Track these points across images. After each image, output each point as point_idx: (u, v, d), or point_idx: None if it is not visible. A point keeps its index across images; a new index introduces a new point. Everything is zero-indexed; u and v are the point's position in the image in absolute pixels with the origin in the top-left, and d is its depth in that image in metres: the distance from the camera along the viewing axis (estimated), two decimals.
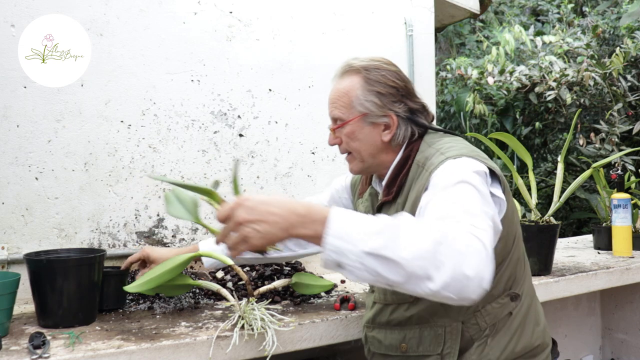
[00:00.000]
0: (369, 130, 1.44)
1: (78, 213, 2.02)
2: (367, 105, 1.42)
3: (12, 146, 1.92)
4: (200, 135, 2.22)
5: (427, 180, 1.28)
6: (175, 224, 2.18)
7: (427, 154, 1.39)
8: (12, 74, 1.91)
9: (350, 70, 1.46)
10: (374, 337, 1.51)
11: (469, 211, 1.08)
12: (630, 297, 2.86)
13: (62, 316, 1.59)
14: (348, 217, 1.00)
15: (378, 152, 1.46)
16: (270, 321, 1.56)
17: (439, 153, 1.35)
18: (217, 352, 1.51)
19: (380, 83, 1.43)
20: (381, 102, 1.42)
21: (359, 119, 1.43)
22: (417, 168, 1.39)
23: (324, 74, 2.47)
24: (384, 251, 0.94)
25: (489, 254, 0.99)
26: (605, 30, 4.59)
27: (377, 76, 1.44)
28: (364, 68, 1.44)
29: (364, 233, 0.96)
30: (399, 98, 1.44)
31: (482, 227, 1.03)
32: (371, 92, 1.42)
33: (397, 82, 1.45)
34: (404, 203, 1.40)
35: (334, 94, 1.47)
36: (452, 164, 1.27)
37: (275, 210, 1.01)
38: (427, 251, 0.94)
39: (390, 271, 0.95)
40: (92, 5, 2.03)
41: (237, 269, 1.72)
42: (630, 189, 2.90)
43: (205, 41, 2.23)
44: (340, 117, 1.45)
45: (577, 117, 3.25)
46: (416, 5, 2.73)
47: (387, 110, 1.43)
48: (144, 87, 2.12)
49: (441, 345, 1.37)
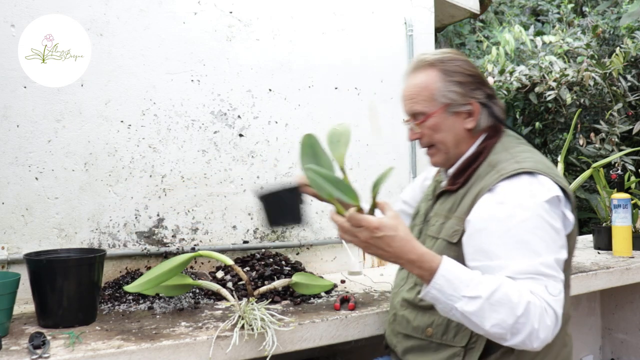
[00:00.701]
0: (453, 120, 1.46)
1: (78, 213, 2.02)
2: (449, 96, 1.44)
3: (12, 146, 1.92)
4: (200, 135, 2.22)
5: (495, 182, 1.32)
6: (175, 224, 2.18)
7: (501, 157, 1.41)
8: (12, 74, 1.91)
9: (424, 65, 1.47)
10: (404, 316, 1.51)
11: (545, 264, 1.22)
12: (630, 297, 2.86)
13: (62, 316, 1.59)
14: (451, 274, 1.19)
15: (461, 141, 1.48)
16: (270, 321, 1.56)
17: (513, 160, 1.37)
18: (217, 352, 1.51)
19: (458, 73, 1.46)
20: (463, 90, 1.45)
21: (442, 110, 1.45)
22: (487, 167, 1.41)
23: (324, 74, 2.48)
24: (473, 317, 1.17)
25: (558, 322, 1.19)
26: (605, 30, 4.59)
27: (454, 66, 1.46)
28: (438, 61, 1.46)
29: (461, 295, 1.17)
30: (477, 85, 1.47)
31: (555, 294, 1.20)
32: (451, 82, 1.44)
33: (473, 70, 1.48)
34: (464, 195, 1.42)
35: (412, 89, 1.48)
36: (527, 184, 1.29)
37: (390, 249, 1.19)
38: (508, 324, 1.16)
39: (472, 326, 1.20)
40: (92, 5, 2.03)
41: (237, 269, 1.72)
42: (630, 189, 2.90)
43: (205, 41, 2.23)
44: (422, 111, 1.46)
45: (577, 117, 3.25)
46: (416, 5, 2.73)
47: (468, 97, 1.45)
48: (144, 87, 2.12)
49: (466, 339, 1.38)
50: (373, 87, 2.60)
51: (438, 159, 1.52)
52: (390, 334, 1.59)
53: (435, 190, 1.59)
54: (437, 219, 1.48)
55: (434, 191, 1.60)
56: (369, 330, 1.77)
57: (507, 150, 1.43)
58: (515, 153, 1.41)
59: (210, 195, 2.24)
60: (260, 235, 2.34)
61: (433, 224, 1.50)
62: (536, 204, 1.26)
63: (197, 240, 2.21)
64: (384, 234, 1.18)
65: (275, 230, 2.37)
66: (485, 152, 1.45)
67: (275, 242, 2.35)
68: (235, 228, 2.29)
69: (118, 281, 1.98)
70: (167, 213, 2.16)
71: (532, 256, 1.22)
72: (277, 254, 2.20)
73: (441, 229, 1.45)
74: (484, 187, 1.35)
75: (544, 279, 1.20)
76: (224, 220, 2.26)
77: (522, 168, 1.32)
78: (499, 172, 1.35)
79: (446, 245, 1.40)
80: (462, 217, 1.38)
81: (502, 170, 1.34)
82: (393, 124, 2.65)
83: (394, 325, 1.57)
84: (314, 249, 2.45)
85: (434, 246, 1.44)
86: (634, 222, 2.66)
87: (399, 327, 1.53)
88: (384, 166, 2.61)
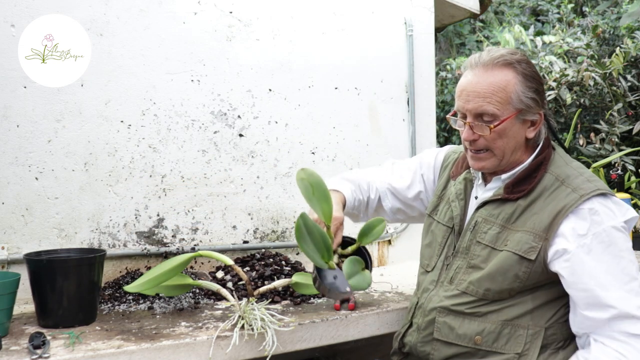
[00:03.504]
0: (518, 127, 1.41)
1: (78, 213, 2.02)
2: (526, 102, 1.38)
3: (12, 146, 1.92)
4: (200, 135, 2.22)
5: (576, 202, 1.32)
6: (175, 224, 2.18)
7: (566, 171, 1.40)
8: (12, 74, 1.91)
9: (502, 63, 1.38)
10: (446, 323, 1.46)
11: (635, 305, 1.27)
12: None
13: (62, 316, 1.59)
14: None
15: (517, 149, 1.43)
16: (270, 321, 1.56)
17: (584, 178, 1.37)
18: (217, 352, 1.51)
19: (535, 79, 1.40)
20: (538, 97, 1.40)
21: (514, 116, 1.38)
22: (555, 181, 1.39)
23: (324, 74, 2.47)
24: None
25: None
26: (605, 30, 4.59)
27: (531, 72, 1.40)
28: (517, 62, 1.39)
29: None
30: (545, 95, 1.43)
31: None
32: (530, 88, 1.39)
33: (541, 78, 1.43)
34: (527, 207, 1.39)
35: (487, 87, 1.38)
36: (614, 215, 1.32)
37: None
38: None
39: None
40: (92, 5, 2.03)
41: (237, 269, 1.72)
42: (630, 189, 2.90)
43: (205, 41, 2.23)
44: (494, 112, 1.38)
45: (577, 117, 3.25)
46: (416, 5, 2.73)
47: (540, 107, 1.41)
48: (144, 87, 2.12)
49: (521, 346, 1.37)
50: (373, 87, 2.60)
51: (488, 164, 1.44)
52: (418, 341, 1.52)
53: (467, 189, 1.54)
54: (490, 227, 1.43)
55: (465, 190, 1.55)
56: (369, 331, 1.77)
57: (567, 164, 1.43)
58: (577, 167, 1.42)
59: (210, 195, 2.24)
60: (260, 235, 2.34)
61: (484, 231, 1.43)
62: (624, 236, 1.31)
63: (197, 240, 2.21)
64: None
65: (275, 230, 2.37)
66: (546, 162, 1.42)
67: (275, 242, 2.35)
68: (235, 228, 2.29)
69: (118, 281, 1.98)
70: (167, 213, 2.16)
71: (627, 305, 1.28)
72: (277, 254, 2.20)
73: (498, 238, 1.40)
74: (566, 207, 1.34)
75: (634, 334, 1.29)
76: (224, 220, 2.26)
77: (597, 189, 1.34)
78: (576, 191, 1.35)
79: (518, 260, 1.36)
80: (542, 235, 1.35)
81: (580, 191, 1.34)
82: (393, 124, 2.65)
83: (425, 332, 1.50)
84: None
85: (496, 258, 1.39)
86: None
87: (438, 335, 1.47)
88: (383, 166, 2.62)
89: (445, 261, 1.52)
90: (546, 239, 1.34)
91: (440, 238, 1.55)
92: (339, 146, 2.51)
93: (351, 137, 2.54)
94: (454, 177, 1.61)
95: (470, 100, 1.40)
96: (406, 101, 2.67)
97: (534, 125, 1.43)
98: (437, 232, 1.56)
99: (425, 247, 1.62)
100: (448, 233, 1.54)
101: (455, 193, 1.57)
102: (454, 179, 1.61)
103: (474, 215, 1.48)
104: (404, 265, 2.56)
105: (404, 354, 1.60)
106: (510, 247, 1.38)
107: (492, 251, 1.41)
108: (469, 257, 1.45)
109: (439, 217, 1.58)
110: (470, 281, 1.44)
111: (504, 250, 1.39)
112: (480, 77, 1.39)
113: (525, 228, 1.37)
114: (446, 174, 1.66)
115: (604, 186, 1.37)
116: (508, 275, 1.37)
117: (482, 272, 1.41)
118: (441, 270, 1.52)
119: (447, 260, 1.51)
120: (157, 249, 2.12)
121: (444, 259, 1.52)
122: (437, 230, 1.57)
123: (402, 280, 2.21)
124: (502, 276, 1.38)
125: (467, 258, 1.46)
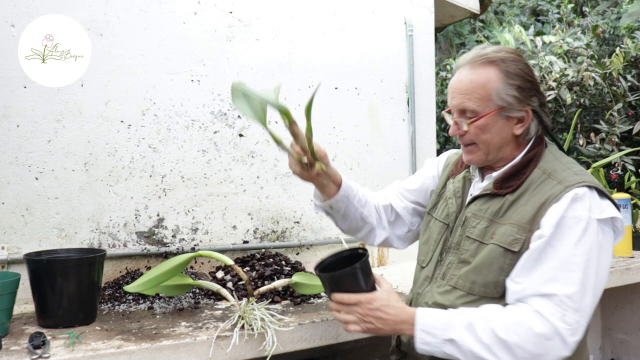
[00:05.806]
0: (503, 123, 1.42)
1: (78, 213, 2.02)
2: (507, 99, 1.39)
3: (12, 146, 1.92)
4: (200, 135, 2.22)
5: (561, 193, 1.32)
6: (175, 224, 2.18)
7: (554, 165, 1.40)
8: (12, 74, 1.91)
9: (485, 61, 1.41)
10: None
11: (579, 293, 1.27)
12: (630, 297, 2.86)
13: (62, 316, 1.59)
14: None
15: (505, 145, 1.44)
16: (270, 321, 1.56)
17: (571, 171, 1.37)
18: (217, 352, 1.51)
19: (519, 76, 1.41)
20: (521, 95, 1.40)
21: (495, 113, 1.40)
22: (542, 175, 1.39)
23: (324, 74, 2.47)
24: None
25: (570, 351, 1.27)
26: (605, 30, 4.59)
27: (516, 69, 1.41)
28: (500, 60, 1.40)
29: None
30: (534, 92, 1.43)
31: (576, 327, 1.26)
32: (512, 85, 1.39)
33: (532, 76, 1.43)
34: (515, 201, 1.39)
35: (468, 84, 1.41)
36: (596, 206, 1.32)
37: (388, 316, 1.35)
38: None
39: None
40: (92, 5, 2.03)
41: (237, 269, 1.72)
42: (630, 189, 2.90)
43: (205, 41, 2.23)
44: (474, 109, 1.40)
45: (577, 117, 3.25)
46: (416, 5, 2.73)
47: (524, 104, 1.41)
48: (144, 87, 2.12)
49: None
50: (373, 87, 2.60)
51: (475, 157, 1.47)
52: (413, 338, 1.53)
53: (466, 187, 1.55)
54: (478, 221, 1.44)
55: (463, 188, 1.56)
56: None
57: (557, 159, 1.43)
58: (566, 162, 1.42)
59: (210, 195, 2.24)
60: (260, 235, 2.34)
61: (473, 225, 1.45)
62: (601, 232, 1.31)
63: (197, 240, 2.21)
64: (379, 304, 1.33)
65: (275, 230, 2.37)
66: (536, 159, 1.43)
67: (275, 242, 2.35)
68: (235, 228, 2.29)
69: (118, 281, 1.98)
70: (167, 213, 2.16)
71: (573, 287, 1.28)
72: (277, 254, 2.20)
73: (486, 232, 1.41)
74: (545, 198, 1.34)
75: (572, 315, 1.28)
76: (224, 220, 2.26)
77: (583, 181, 1.33)
78: (561, 183, 1.34)
79: (503, 252, 1.37)
80: (526, 227, 1.35)
81: (564, 182, 1.34)
82: (393, 124, 2.65)
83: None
84: (314, 249, 2.45)
85: (482, 251, 1.40)
86: (634, 222, 2.66)
87: None
88: (384, 166, 2.63)
89: (439, 257, 1.52)
90: (530, 230, 1.35)
91: (436, 235, 1.56)
92: (339, 146, 2.51)
93: (351, 137, 2.54)
94: (453, 175, 1.63)
95: (455, 97, 1.44)
96: (406, 101, 2.67)
97: (522, 122, 1.44)
98: (434, 229, 1.57)
99: (422, 244, 1.63)
100: (444, 230, 1.54)
101: (453, 190, 1.58)
102: (453, 177, 1.62)
103: (464, 210, 1.50)
104: (404, 265, 2.56)
105: (401, 352, 1.60)
106: (496, 239, 1.39)
107: (480, 245, 1.42)
108: (460, 252, 1.46)
109: (436, 214, 1.59)
110: (459, 275, 1.45)
111: (490, 244, 1.40)
112: (464, 75, 1.43)
113: (511, 221, 1.38)
114: (446, 173, 1.67)
115: (592, 179, 1.36)
116: (493, 268, 1.38)
117: (470, 266, 1.42)
118: (435, 266, 1.53)
119: (441, 257, 1.52)
120: (157, 249, 2.13)
121: (438, 255, 1.53)
122: (434, 227, 1.58)
123: (402, 280, 2.21)
124: (487, 269, 1.38)
125: (458, 253, 1.46)
